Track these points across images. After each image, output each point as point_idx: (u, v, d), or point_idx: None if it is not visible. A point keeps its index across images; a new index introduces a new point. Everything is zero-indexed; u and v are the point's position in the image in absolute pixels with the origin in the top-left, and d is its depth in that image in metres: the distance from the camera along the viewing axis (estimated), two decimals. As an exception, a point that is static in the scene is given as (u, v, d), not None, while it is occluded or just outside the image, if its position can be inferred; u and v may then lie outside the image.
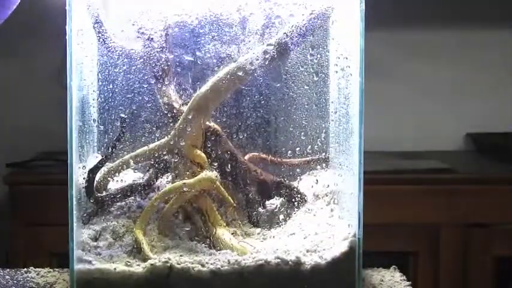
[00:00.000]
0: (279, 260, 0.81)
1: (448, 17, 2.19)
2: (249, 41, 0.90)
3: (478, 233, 1.82)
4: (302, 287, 0.81)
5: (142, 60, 0.91)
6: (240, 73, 0.89)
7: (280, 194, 0.96)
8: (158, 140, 0.92)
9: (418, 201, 1.82)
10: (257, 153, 0.98)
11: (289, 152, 0.96)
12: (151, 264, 0.80)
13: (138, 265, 0.81)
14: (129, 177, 0.95)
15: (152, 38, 0.91)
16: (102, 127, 0.91)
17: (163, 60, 0.91)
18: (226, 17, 0.90)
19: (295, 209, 0.95)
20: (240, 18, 0.90)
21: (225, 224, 0.89)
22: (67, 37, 0.82)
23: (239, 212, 0.92)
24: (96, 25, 0.89)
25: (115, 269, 0.80)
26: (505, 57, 2.21)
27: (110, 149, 0.88)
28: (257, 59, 0.89)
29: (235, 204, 0.91)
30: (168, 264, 0.80)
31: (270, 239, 0.90)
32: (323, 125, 0.94)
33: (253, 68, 0.89)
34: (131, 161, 0.92)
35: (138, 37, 0.90)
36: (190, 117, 0.90)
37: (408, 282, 0.92)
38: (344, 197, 0.90)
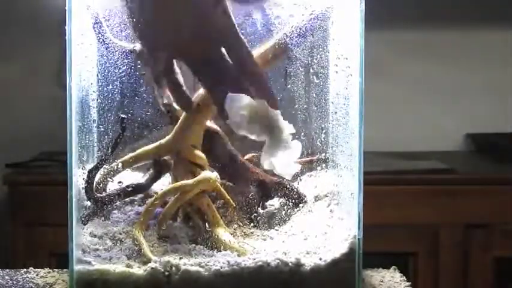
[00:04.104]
0: (278, 262, 0.81)
1: (448, 17, 2.19)
2: (248, 41, 0.90)
3: (478, 233, 1.82)
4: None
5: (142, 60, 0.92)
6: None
7: (280, 195, 0.96)
8: (158, 141, 0.92)
9: (418, 201, 1.82)
10: (257, 154, 0.98)
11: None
12: (152, 268, 0.80)
13: (139, 267, 0.81)
14: (129, 177, 0.95)
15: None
16: (102, 127, 0.91)
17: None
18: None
19: (295, 210, 0.95)
20: (240, 19, 0.90)
21: (224, 225, 0.89)
22: (67, 37, 0.81)
23: (239, 213, 0.92)
24: (96, 25, 0.89)
25: (115, 270, 0.80)
26: (505, 57, 2.21)
27: (109, 149, 0.88)
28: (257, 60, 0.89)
29: (235, 205, 0.91)
30: (168, 266, 0.80)
31: (270, 239, 0.90)
32: (323, 125, 0.94)
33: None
34: (131, 162, 0.92)
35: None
36: (190, 117, 0.90)
37: (408, 283, 0.92)
38: (344, 197, 0.90)
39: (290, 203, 0.95)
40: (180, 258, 0.82)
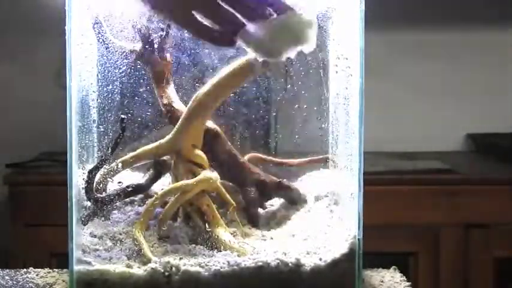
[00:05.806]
0: (278, 262, 0.81)
1: (448, 17, 2.19)
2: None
3: (478, 233, 1.82)
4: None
5: (142, 60, 0.92)
6: (240, 73, 0.89)
7: (280, 195, 0.96)
8: (158, 141, 0.92)
9: (418, 201, 1.82)
10: (257, 154, 0.98)
11: (289, 152, 0.96)
12: (152, 268, 0.80)
13: (139, 267, 0.81)
14: (129, 177, 0.95)
15: (152, 39, 0.91)
16: (102, 127, 0.91)
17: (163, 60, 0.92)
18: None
19: (295, 210, 0.95)
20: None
21: (224, 225, 0.89)
22: (67, 37, 0.81)
23: (239, 213, 0.92)
24: (96, 25, 0.89)
25: (115, 270, 0.80)
26: (505, 57, 2.21)
27: (109, 149, 0.88)
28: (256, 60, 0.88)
29: (235, 205, 0.91)
30: (168, 266, 0.80)
31: (270, 240, 0.90)
32: (323, 125, 0.94)
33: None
34: (131, 162, 0.92)
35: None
36: (190, 117, 0.90)
37: (408, 283, 0.92)
38: (344, 197, 0.90)
39: (290, 203, 0.95)
40: (180, 258, 0.82)
